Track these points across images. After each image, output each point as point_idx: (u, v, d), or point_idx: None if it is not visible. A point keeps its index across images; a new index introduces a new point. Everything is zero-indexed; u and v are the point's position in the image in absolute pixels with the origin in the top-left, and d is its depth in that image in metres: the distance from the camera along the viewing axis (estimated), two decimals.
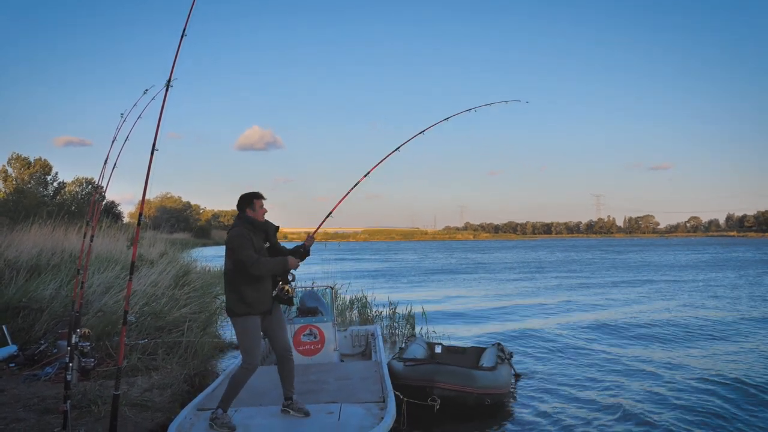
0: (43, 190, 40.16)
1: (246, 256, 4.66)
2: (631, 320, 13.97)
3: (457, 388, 6.38)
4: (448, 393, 6.32)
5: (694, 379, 8.19)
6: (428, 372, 6.44)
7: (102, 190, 6.74)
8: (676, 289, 22.02)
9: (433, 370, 6.46)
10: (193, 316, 9.10)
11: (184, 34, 4.52)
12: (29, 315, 7.89)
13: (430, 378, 6.33)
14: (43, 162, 42.32)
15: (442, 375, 6.38)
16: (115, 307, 8.27)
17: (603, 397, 7.43)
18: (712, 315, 14.78)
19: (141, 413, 5.46)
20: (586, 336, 12.02)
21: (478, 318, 15.21)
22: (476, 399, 6.51)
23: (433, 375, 6.37)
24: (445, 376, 6.38)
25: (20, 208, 23.11)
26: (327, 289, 7.97)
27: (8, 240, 11.94)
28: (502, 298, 19.66)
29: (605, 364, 9.32)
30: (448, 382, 6.35)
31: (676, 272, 30.99)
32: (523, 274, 31.44)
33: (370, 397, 5.39)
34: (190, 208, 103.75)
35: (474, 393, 6.47)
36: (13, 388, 6.07)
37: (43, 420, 5.10)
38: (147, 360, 7.18)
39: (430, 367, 6.56)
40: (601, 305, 17.25)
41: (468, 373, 6.59)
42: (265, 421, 4.83)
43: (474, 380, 6.52)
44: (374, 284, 23.49)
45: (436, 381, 6.30)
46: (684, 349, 10.64)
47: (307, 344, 7.24)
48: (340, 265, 30.70)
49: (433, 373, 6.39)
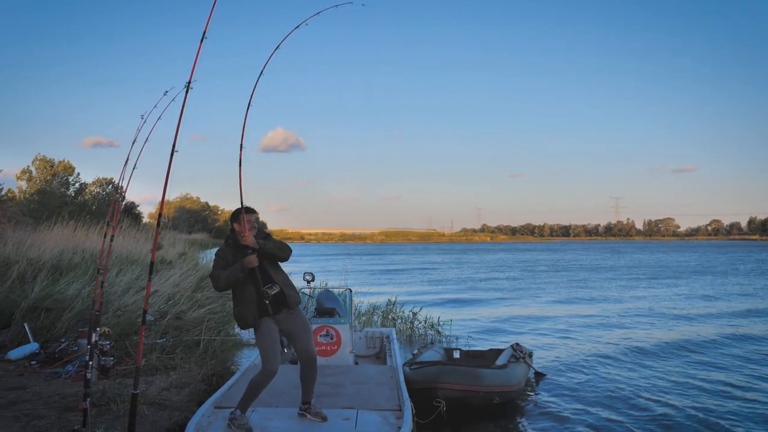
0: (65, 191, 40.73)
1: (210, 275, 4.73)
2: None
3: (462, 388, 6.31)
4: (454, 393, 6.26)
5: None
6: (432, 373, 6.39)
7: (122, 191, 6.81)
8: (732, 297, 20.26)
9: (436, 371, 6.42)
10: (212, 316, 9.16)
11: (204, 37, 4.53)
12: (51, 314, 8.00)
13: (434, 379, 6.29)
14: (67, 164, 42.93)
15: (447, 375, 6.33)
16: (135, 306, 8.35)
17: (628, 399, 7.36)
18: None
19: (159, 412, 5.50)
20: (624, 343, 11.85)
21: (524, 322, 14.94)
22: (483, 398, 6.44)
23: (437, 376, 6.32)
24: (450, 377, 6.32)
25: (43, 209, 23.47)
26: (345, 291, 7.96)
27: (31, 240, 12.13)
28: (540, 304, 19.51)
29: (637, 370, 9.20)
30: (452, 383, 6.28)
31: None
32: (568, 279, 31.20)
33: (386, 405, 5.37)
34: (208, 209, 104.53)
35: (480, 392, 6.39)
36: (35, 385, 6.16)
37: (63, 417, 5.16)
38: (165, 359, 7.24)
39: (433, 368, 6.52)
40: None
41: (473, 372, 6.52)
42: (282, 423, 4.84)
43: (480, 379, 6.45)
44: (402, 289, 23.44)
45: (440, 382, 6.25)
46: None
47: (324, 345, 7.24)
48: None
49: (437, 375, 6.34)
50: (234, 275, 4.61)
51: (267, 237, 4.84)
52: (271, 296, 4.65)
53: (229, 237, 4.83)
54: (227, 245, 4.79)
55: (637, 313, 16.17)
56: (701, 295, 21.00)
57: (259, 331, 4.71)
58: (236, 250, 4.74)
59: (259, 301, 4.68)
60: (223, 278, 4.62)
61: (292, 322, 4.83)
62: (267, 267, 4.75)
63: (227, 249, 4.76)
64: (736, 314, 15.66)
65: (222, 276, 4.62)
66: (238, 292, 4.71)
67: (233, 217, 4.83)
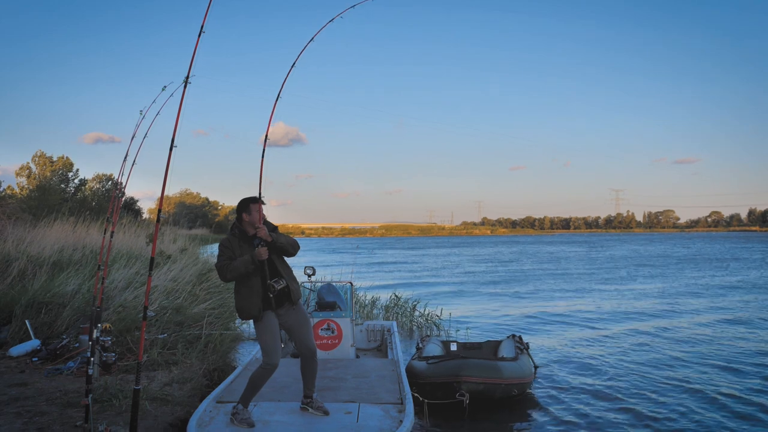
0: (64, 187, 40.67)
1: (216, 266, 4.66)
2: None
3: (485, 381, 6.31)
4: (477, 386, 6.26)
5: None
6: (454, 367, 6.38)
7: (122, 187, 6.79)
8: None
9: (458, 365, 6.41)
10: (213, 311, 9.16)
11: (202, 31, 4.50)
12: (52, 310, 8.00)
13: (457, 373, 6.27)
14: (66, 160, 42.87)
15: (469, 369, 6.32)
16: (135, 302, 8.35)
17: (626, 389, 7.39)
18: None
19: (161, 407, 5.50)
20: (619, 331, 11.90)
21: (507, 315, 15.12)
22: (504, 390, 6.47)
23: (460, 370, 6.30)
24: (472, 370, 6.32)
25: (43, 205, 23.44)
26: (347, 285, 7.96)
27: (31, 236, 12.12)
28: (524, 296, 19.54)
29: (635, 359, 9.23)
30: (475, 376, 6.28)
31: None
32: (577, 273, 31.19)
33: (388, 398, 5.38)
34: (208, 204, 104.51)
35: (502, 384, 6.41)
36: (36, 381, 6.16)
37: (65, 413, 5.16)
38: (167, 354, 7.24)
39: (455, 362, 6.51)
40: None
41: (494, 365, 6.54)
42: (284, 417, 4.84)
43: (500, 371, 6.46)
44: (401, 282, 23.46)
45: (464, 375, 6.24)
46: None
47: (325, 339, 7.24)
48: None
49: (460, 368, 6.33)
50: (244, 267, 4.56)
51: (274, 230, 4.81)
52: (277, 290, 4.64)
53: (234, 226, 4.78)
54: (233, 235, 4.74)
55: (628, 306, 16.20)
56: (700, 288, 21.04)
57: (260, 325, 4.69)
58: (242, 241, 4.70)
59: (263, 294, 4.65)
60: (231, 270, 4.57)
61: (293, 317, 4.82)
62: (275, 260, 4.72)
63: (233, 239, 4.72)
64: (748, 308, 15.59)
65: (231, 267, 4.57)
66: (244, 283, 4.66)
67: (242, 207, 4.75)
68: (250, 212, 4.70)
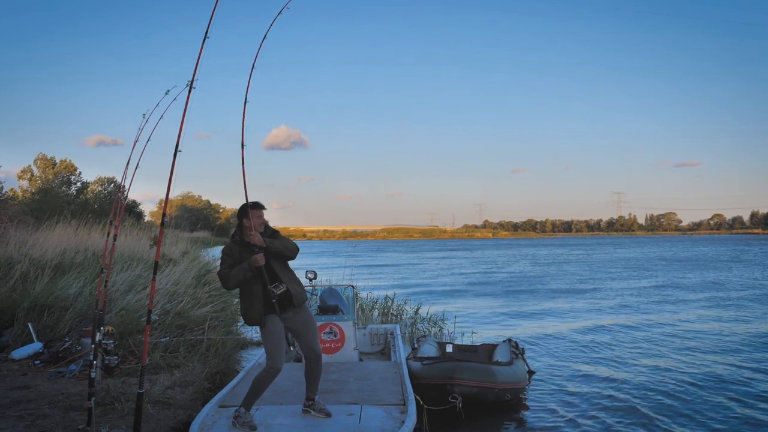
0: (66, 189, 40.74)
1: (218, 273, 4.73)
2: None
3: (478, 385, 6.29)
4: (469, 390, 6.24)
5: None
6: (447, 370, 6.36)
7: (125, 190, 6.80)
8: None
9: (452, 367, 6.38)
10: (215, 314, 9.17)
11: (206, 37, 4.51)
12: (54, 313, 8.01)
13: (450, 376, 6.26)
14: (68, 162, 42.94)
15: (462, 372, 6.30)
16: (138, 305, 8.36)
17: (620, 394, 7.38)
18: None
19: (163, 410, 5.51)
20: (615, 337, 11.88)
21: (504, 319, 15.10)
22: (497, 395, 6.45)
23: (453, 372, 6.29)
24: (465, 373, 6.30)
25: (45, 208, 23.48)
26: (348, 288, 7.95)
27: (33, 239, 12.13)
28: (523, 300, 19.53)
29: (627, 363, 9.22)
30: (468, 379, 6.26)
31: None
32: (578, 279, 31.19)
33: (390, 399, 5.38)
34: (210, 207, 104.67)
35: (495, 389, 6.39)
36: (39, 384, 6.17)
37: (68, 417, 5.17)
38: (169, 358, 7.25)
39: (449, 364, 6.49)
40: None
41: (488, 369, 6.52)
42: (287, 420, 4.84)
43: (494, 376, 6.44)
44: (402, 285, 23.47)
45: (457, 378, 6.22)
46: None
47: (327, 342, 7.24)
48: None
49: (453, 371, 6.31)
50: (242, 274, 4.60)
51: (274, 234, 4.82)
52: (278, 295, 4.65)
53: (235, 233, 4.80)
54: (234, 242, 4.76)
55: (625, 312, 16.16)
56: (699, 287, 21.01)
57: (265, 329, 4.70)
58: (243, 247, 4.72)
59: (265, 299, 4.67)
60: (231, 278, 4.62)
61: (299, 320, 4.82)
62: (274, 265, 4.72)
63: (234, 246, 4.74)
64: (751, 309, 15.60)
65: (230, 275, 4.62)
66: (246, 289, 4.70)
67: (241, 212, 4.78)
68: (248, 218, 4.72)
